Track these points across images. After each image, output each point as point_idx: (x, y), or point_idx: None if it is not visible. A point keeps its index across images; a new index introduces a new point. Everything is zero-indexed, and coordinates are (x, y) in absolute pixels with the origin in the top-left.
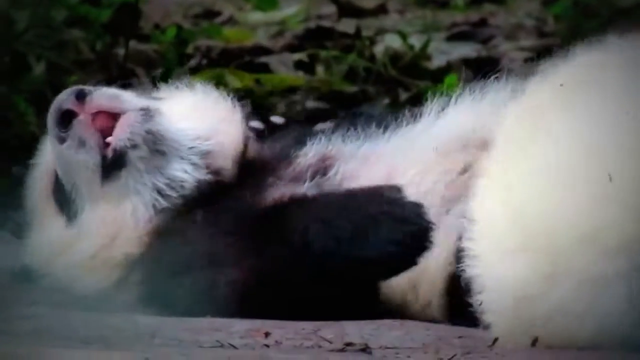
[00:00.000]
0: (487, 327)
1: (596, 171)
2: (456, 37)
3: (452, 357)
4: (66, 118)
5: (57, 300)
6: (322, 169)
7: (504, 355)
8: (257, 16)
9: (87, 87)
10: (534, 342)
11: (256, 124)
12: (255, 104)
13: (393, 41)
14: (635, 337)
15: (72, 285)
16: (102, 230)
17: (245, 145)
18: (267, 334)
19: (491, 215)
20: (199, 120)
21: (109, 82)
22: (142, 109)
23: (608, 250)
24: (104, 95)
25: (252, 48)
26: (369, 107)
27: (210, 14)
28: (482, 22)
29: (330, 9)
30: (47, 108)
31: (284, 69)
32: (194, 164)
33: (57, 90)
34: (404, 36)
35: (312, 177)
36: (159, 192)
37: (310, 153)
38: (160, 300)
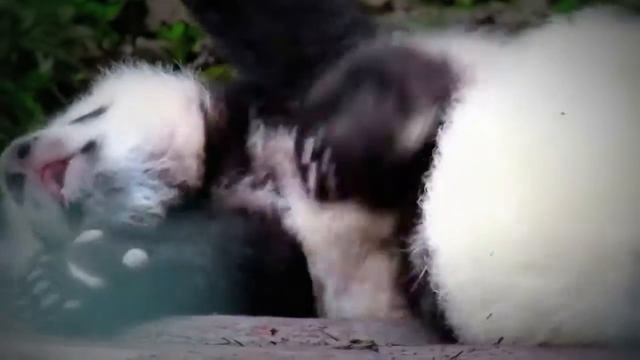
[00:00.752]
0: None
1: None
2: None
3: (459, 354)
4: (17, 179)
5: None
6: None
7: (510, 352)
8: None
9: (25, 140)
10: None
11: None
12: None
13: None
14: None
15: None
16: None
17: (208, 131)
18: (273, 331)
19: (501, 228)
20: (149, 126)
21: None
22: (85, 149)
23: (626, 262)
24: (46, 147)
25: None
26: None
27: None
28: (488, 20)
29: None
30: (54, 105)
31: None
32: (153, 187)
33: (64, 88)
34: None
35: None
36: (128, 226)
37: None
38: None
